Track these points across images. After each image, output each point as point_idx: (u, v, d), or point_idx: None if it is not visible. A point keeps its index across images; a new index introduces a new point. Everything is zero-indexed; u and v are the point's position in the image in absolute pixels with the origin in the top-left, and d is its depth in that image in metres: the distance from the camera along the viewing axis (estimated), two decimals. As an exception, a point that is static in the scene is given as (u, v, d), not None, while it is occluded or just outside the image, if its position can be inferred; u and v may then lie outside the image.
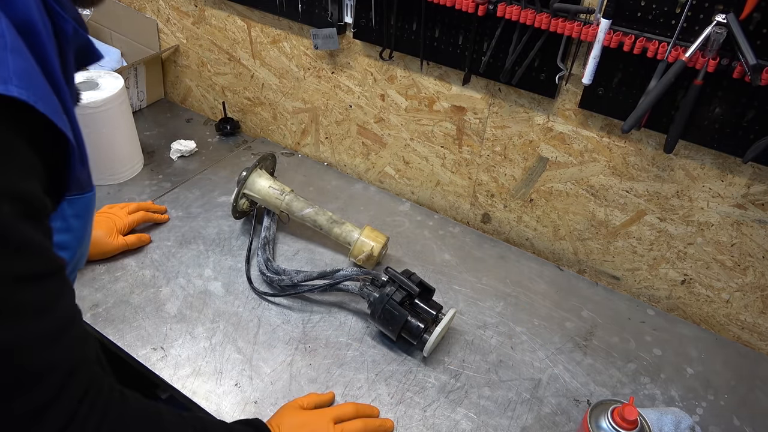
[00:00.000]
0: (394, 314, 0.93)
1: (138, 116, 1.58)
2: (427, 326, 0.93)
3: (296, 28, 1.31)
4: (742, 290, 1.06)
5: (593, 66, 0.93)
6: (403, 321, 0.93)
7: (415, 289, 0.95)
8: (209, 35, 1.49)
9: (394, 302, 0.93)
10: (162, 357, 0.94)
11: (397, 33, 1.14)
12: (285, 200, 1.14)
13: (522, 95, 1.10)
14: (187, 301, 1.04)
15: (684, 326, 1.09)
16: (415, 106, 1.24)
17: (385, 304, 0.94)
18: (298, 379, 0.92)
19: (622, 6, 0.88)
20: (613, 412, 0.76)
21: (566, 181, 1.14)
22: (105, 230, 1.08)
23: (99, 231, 1.07)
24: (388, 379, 0.94)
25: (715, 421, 0.92)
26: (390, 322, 0.94)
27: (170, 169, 1.40)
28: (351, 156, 1.44)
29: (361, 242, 1.10)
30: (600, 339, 1.04)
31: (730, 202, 0.99)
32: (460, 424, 0.88)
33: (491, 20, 1.00)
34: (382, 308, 0.94)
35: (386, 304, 0.93)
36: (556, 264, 1.21)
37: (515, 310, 1.09)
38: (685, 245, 1.08)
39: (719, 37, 0.81)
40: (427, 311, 0.97)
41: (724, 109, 0.89)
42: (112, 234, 1.09)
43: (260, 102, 1.52)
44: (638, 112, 0.90)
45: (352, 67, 1.28)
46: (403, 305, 0.94)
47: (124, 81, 1.28)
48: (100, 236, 1.07)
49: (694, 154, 0.98)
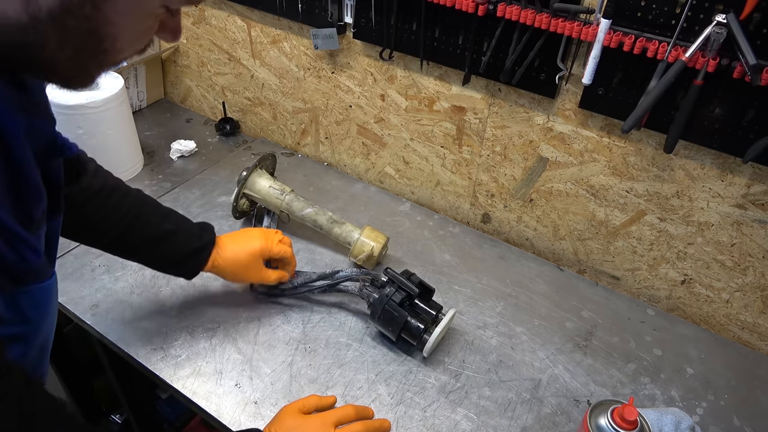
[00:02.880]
0: (394, 315, 0.93)
1: (138, 116, 1.58)
2: (427, 327, 0.93)
3: (296, 28, 1.31)
4: (742, 290, 1.06)
5: (593, 66, 0.93)
6: (403, 322, 0.93)
7: (414, 289, 0.95)
8: (209, 35, 1.49)
9: (393, 303, 0.93)
10: (162, 357, 0.94)
11: (397, 33, 1.14)
12: (285, 200, 1.14)
13: (522, 95, 1.10)
14: (187, 301, 1.04)
15: (684, 326, 1.09)
16: (415, 106, 1.24)
17: (384, 305, 0.94)
18: (299, 379, 0.92)
19: (622, 6, 0.88)
20: (613, 413, 0.76)
21: (566, 181, 1.14)
22: (260, 252, 0.95)
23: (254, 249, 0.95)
24: (388, 379, 0.94)
25: (715, 421, 0.92)
26: (390, 322, 0.94)
27: (170, 169, 1.40)
28: (351, 156, 1.44)
29: (362, 242, 1.10)
30: (600, 339, 1.04)
31: (730, 202, 0.99)
32: (460, 425, 0.88)
33: (491, 20, 1.00)
34: (381, 309, 0.94)
35: (386, 305, 0.93)
36: (556, 264, 1.21)
37: (515, 310, 1.09)
38: (685, 245, 1.08)
39: (719, 37, 0.81)
40: (427, 311, 0.96)
41: (724, 109, 0.89)
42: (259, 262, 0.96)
43: (260, 102, 1.52)
44: (638, 112, 0.90)
45: (352, 67, 1.28)
46: (402, 306, 0.94)
47: (124, 81, 1.28)
48: (253, 260, 0.94)
49: (694, 154, 0.98)
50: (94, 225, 0.83)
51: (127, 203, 0.85)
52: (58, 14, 0.43)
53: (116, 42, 0.47)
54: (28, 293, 0.55)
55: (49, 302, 0.61)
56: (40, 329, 0.60)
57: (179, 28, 0.54)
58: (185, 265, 0.90)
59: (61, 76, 0.49)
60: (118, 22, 0.46)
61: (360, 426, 0.81)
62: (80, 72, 0.49)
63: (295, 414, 0.80)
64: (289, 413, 0.80)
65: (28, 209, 0.53)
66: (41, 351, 0.64)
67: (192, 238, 0.90)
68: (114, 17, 0.45)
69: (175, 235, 0.88)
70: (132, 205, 0.86)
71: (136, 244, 0.87)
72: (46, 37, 0.44)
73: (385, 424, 0.85)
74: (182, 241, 0.89)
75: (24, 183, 0.51)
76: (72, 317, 1.01)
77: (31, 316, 0.57)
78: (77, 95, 1.20)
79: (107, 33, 0.46)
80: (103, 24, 0.45)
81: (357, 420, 0.82)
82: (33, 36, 0.43)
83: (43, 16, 0.42)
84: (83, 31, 0.45)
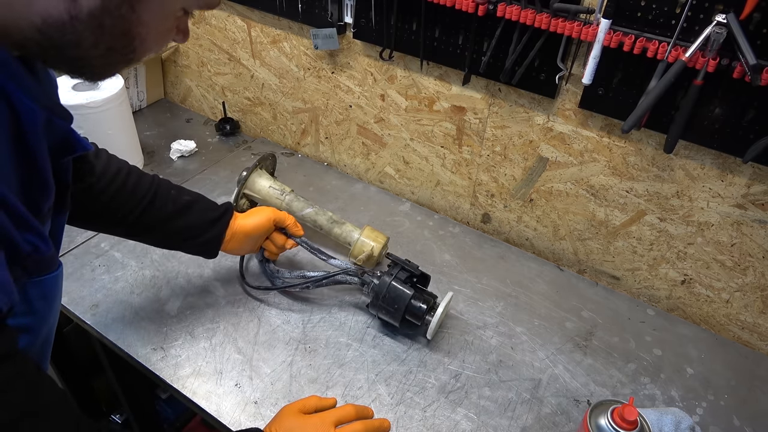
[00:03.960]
0: (399, 293, 0.94)
1: (138, 116, 1.58)
2: (429, 307, 0.95)
3: (296, 28, 1.31)
4: (742, 290, 1.06)
5: (593, 66, 0.93)
6: (408, 298, 0.94)
7: (417, 269, 0.98)
8: (209, 35, 1.49)
9: (398, 281, 0.95)
10: (162, 357, 0.94)
11: (397, 33, 1.14)
12: (285, 200, 1.14)
13: (522, 95, 1.10)
14: (187, 301, 1.04)
15: (684, 326, 1.09)
16: (415, 106, 1.24)
17: (390, 283, 0.95)
18: (299, 379, 0.92)
19: (622, 6, 0.88)
20: (613, 413, 0.76)
21: (566, 181, 1.14)
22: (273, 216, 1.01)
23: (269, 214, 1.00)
24: (388, 379, 0.94)
25: (715, 421, 0.92)
26: (394, 301, 0.94)
27: (170, 169, 1.40)
28: (351, 156, 1.44)
29: (362, 242, 1.10)
30: (600, 339, 1.04)
31: (730, 202, 0.99)
32: (460, 425, 0.88)
33: (491, 20, 1.00)
34: (387, 288, 0.95)
35: (391, 282, 0.95)
36: (556, 264, 1.21)
37: (515, 310, 1.09)
38: (685, 245, 1.08)
39: (719, 37, 0.81)
40: (427, 293, 0.99)
41: (724, 109, 0.89)
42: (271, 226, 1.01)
43: (260, 102, 1.52)
44: (638, 112, 0.90)
45: (352, 67, 1.28)
46: (404, 286, 0.95)
47: (124, 81, 1.28)
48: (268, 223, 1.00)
49: (694, 154, 0.98)
50: (118, 206, 0.86)
51: (146, 181, 0.89)
52: (97, 14, 0.45)
53: (144, 42, 0.50)
54: (38, 284, 0.56)
55: (56, 294, 0.61)
56: (46, 320, 0.61)
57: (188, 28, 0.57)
58: (209, 232, 0.94)
59: (89, 72, 0.51)
60: (148, 23, 0.49)
61: (360, 425, 0.81)
62: (108, 69, 0.52)
63: (296, 414, 0.80)
64: (289, 413, 0.80)
65: (38, 202, 0.53)
66: (45, 343, 0.64)
67: (211, 205, 0.96)
68: (145, 18, 0.48)
69: (197, 203, 0.94)
70: (151, 183, 0.90)
71: (161, 218, 0.90)
72: (82, 36, 0.46)
73: (384, 423, 0.85)
74: (203, 209, 0.94)
75: (36, 176, 0.52)
76: (72, 317, 1.01)
77: (39, 307, 0.58)
78: (77, 95, 1.20)
79: (138, 33, 0.49)
80: (136, 24, 0.48)
81: (357, 420, 0.82)
82: (70, 35, 0.45)
83: (83, 16, 0.45)
84: (117, 31, 0.47)
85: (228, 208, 0.98)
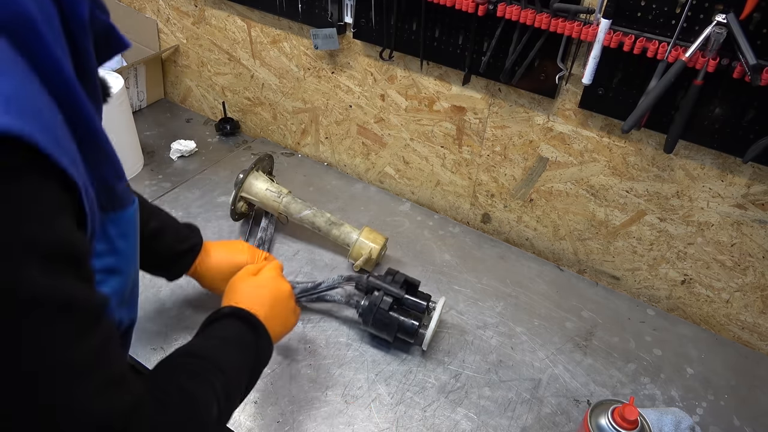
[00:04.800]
0: (386, 322, 0.94)
1: (138, 116, 1.58)
2: (421, 321, 0.94)
3: (296, 28, 1.31)
4: (742, 290, 1.06)
5: (593, 66, 0.93)
6: (396, 326, 0.93)
7: (400, 293, 0.95)
8: (209, 35, 1.49)
9: (383, 311, 0.94)
10: (162, 357, 0.94)
11: (397, 33, 1.14)
12: (283, 202, 1.14)
13: (522, 95, 1.10)
14: (187, 301, 1.04)
15: (684, 326, 1.09)
16: (415, 106, 1.24)
17: (374, 314, 0.94)
18: (298, 379, 0.92)
19: (622, 6, 0.88)
20: (614, 412, 0.76)
21: (566, 181, 1.14)
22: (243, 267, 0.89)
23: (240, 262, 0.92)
24: (388, 379, 0.93)
25: (715, 421, 0.92)
26: (383, 329, 0.95)
27: (170, 169, 1.40)
28: (351, 156, 1.44)
29: (360, 244, 1.09)
30: (600, 339, 1.04)
31: (730, 202, 0.99)
32: (460, 425, 0.88)
33: (491, 20, 1.00)
34: (372, 318, 0.94)
35: (375, 314, 0.94)
36: (556, 264, 1.21)
37: (515, 310, 1.09)
38: (685, 245, 1.08)
39: (719, 37, 0.81)
40: (417, 304, 0.96)
41: (724, 109, 0.89)
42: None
43: (260, 102, 1.52)
44: (638, 112, 0.90)
45: (352, 67, 1.28)
46: (392, 310, 0.94)
47: (124, 81, 1.28)
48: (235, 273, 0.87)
49: (694, 154, 0.98)
50: None
51: None
52: None
53: None
54: (115, 222, 0.52)
55: (135, 232, 0.57)
56: (131, 261, 0.57)
57: None
58: (169, 267, 0.90)
59: None
60: None
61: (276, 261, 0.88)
62: None
63: (247, 278, 0.82)
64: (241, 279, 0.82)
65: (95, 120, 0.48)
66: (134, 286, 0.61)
67: (179, 239, 0.89)
68: None
69: (163, 232, 0.86)
70: None
71: None
72: None
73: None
74: (169, 242, 0.87)
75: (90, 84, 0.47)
76: (72, 317, 1.01)
77: (120, 246, 0.54)
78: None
79: None
80: None
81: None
82: None
83: None
84: None
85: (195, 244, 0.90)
